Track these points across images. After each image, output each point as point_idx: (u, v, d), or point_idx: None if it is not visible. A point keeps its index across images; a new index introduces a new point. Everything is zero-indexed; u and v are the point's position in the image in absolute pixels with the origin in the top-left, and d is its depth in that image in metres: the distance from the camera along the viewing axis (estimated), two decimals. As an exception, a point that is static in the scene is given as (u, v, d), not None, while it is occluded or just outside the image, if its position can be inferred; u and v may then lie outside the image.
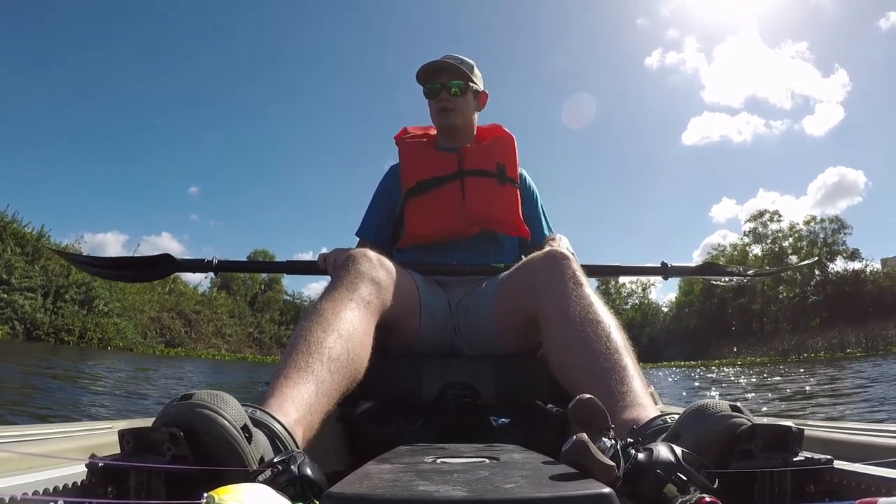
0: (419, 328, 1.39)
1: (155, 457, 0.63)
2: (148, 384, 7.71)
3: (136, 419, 1.03)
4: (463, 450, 0.73)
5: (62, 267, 21.22)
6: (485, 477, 0.54)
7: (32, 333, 19.08)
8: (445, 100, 1.65)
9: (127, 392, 6.03)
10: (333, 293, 1.12)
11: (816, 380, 8.84)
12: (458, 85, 1.65)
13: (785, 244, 39.64)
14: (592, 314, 1.07)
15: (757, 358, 26.48)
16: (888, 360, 14.72)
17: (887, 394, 5.83)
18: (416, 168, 1.66)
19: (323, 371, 0.92)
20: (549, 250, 1.26)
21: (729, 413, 0.69)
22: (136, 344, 24.46)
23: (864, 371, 10.58)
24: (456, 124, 1.68)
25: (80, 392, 5.45)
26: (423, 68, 1.66)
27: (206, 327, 32.78)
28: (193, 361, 20.89)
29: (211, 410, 0.64)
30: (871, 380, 8.26)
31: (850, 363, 15.06)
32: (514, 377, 1.39)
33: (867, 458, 0.72)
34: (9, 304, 18.17)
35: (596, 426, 0.61)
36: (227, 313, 36.03)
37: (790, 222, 40.14)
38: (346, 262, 1.21)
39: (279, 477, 0.61)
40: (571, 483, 0.52)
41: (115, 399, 5.24)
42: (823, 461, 0.69)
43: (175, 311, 30.89)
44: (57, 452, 0.72)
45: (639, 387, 0.91)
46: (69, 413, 3.98)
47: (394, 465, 0.61)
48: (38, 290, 19.86)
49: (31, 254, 20.55)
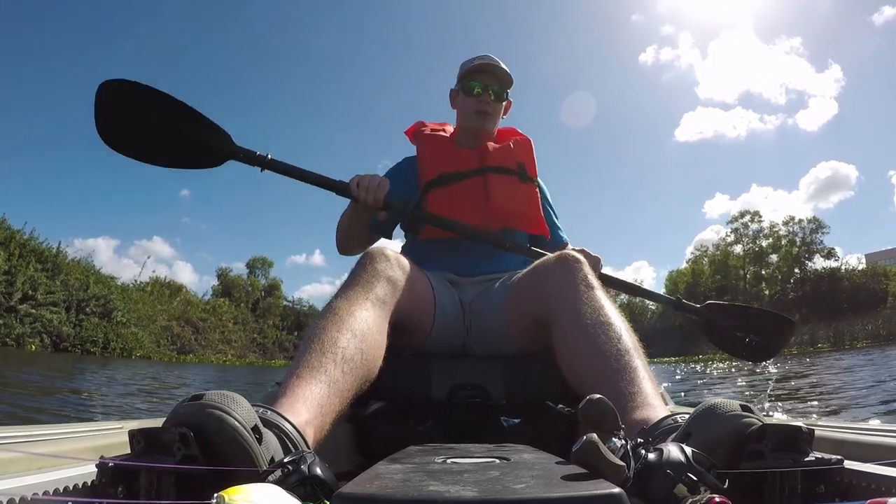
0: (432, 328, 1.38)
1: (165, 457, 0.63)
2: (182, 384, 9.07)
3: (147, 419, 1.03)
4: (473, 450, 0.73)
5: (80, 281, 22.06)
6: (495, 477, 0.54)
7: (60, 346, 19.72)
8: (487, 103, 1.64)
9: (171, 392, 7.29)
10: (349, 291, 1.11)
11: (782, 373, 9.48)
12: (501, 91, 1.65)
13: (764, 244, 41.62)
14: (604, 316, 1.06)
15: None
16: (849, 355, 15.71)
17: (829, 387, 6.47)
18: (437, 161, 1.64)
19: (336, 371, 0.92)
20: (562, 252, 1.25)
21: (739, 413, 0.69)
22: (152, 352, 25.45)
23: (818, 365, 11.56)
24: (489, 129, 1.68)
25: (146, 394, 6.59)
26: (473, 66, 1.65)
27: (213, 334, 34.13)
28: (206, 366, 22.22)
29: (221, 411, 0.64)
30: (828, 371, 9.20)
31: (818, 357, 16.23)
32: (525, 378, 1.39)
33: (878, 459, 0.72)
34: (37, 318, 18.90)
35: (606, 426, 0.61)
36: (232, 320, 37.37)
37: (770, 222, 42.21)
38: (363, 260, 1.21)
39: (289, 477, 0.61)
40: (582, 483, 0.52)
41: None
42: (834, 461, 0.68)
43: (183, 319, 32.12)
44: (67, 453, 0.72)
45: (649, 387, 0.91)
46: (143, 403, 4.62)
47: (404, 466, 0.61)
48: (62, 305, 20.52)
49: (51, 269, 21.25)
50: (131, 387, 7.58)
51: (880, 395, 5.07)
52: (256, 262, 48.02)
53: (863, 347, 22.29)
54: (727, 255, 42.85)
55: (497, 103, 1.66)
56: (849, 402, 4.70)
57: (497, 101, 1.66)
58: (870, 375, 7.50)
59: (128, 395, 6.22)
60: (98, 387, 7.11)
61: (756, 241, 42.08)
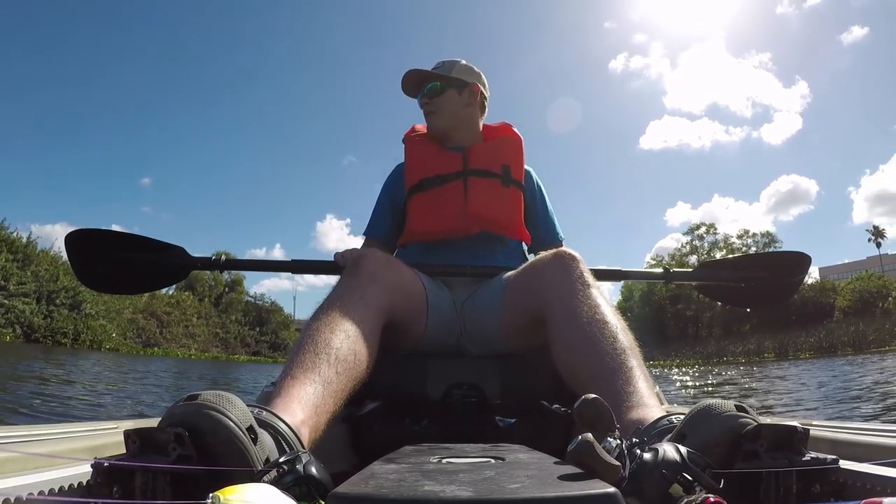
0: (426, 328, 1.38)
1: (160, 457, 0.63)
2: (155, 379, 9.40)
3: (142, 419, 1.03)
4: (468, 450, 0.73)
5: (49, 272, 22.06)
6: (490, 477, 0.54)
7: (31, 336, 19.67)
8: (426, 103, 1.67)
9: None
10: (342, 293, 1.12)
11: (723, 379, 10.50)
12: (433, 87, 1.66)
13: (718, 255, 43.61)
14: (599, 315, 1.06)
15: (686, 360, 27.95)
16: (786, 364, 17.09)
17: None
18: (420, 165, 1.66)
19: (330, 372, 0.92)
20: (557, 251, 1.25)
21: (734, 413, 0.69)
22: (120, 344, 26.10)
23: (755, 372, 12.76)
24: (441, 126, 1.68)
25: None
26: (402, 84, 1.69)
27: (177, 328, 35.10)
28: (173, 360, 22.73)
29: (216, 411, 0.64)
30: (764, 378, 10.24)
31: (761, 367, 17.51)
32: (520, 377, 1.39)
33: (873, 458, 0.72)
34: (9, 309, 18.78)
35: (601, 426, 0.61)
36: (196, 314, 38.19)
37: (724, 234, 44.96)
38: (356, 262, 1.22)
39: (284, 477, 0.61)
40: (577, 483, 0.52)
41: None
42: (829, 461, 0.68)
43: (148, 311, 32.98)
44: (62, 452, 0.72)
45: (644, 387, 0.91)
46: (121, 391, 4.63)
47: (399, 465, 0.61)
48: (32, 295, 20.47)
49: (22, 260, 21.22)
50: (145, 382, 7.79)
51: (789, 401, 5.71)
52: (221, 258, 48.76)
53: (805, 358, 23.70)
54: (682, 264, 44.93)
55: (436, 97, 1.66)
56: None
57: (435, 96, 1.66)
58: (793, 385, 8.36)
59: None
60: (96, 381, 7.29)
61: (711, 252, 44.26)
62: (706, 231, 45.06)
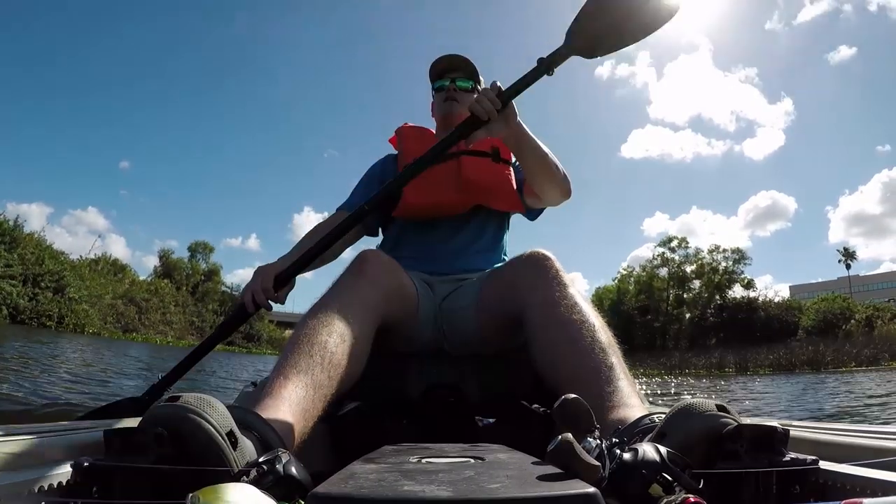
0: (414, 331, 1.39)
1: (140, 457, 0.63)
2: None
3: (123, 419, 1.02)
4: (448, 450, 0.73)
5: (35, 255, 22.34)
6: (470, 477, 0.54)
7: (17, 318, 19.86)
8: (453, 90, 1.69)
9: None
10: (341, 293, 1.12)
11: (680, 389, 10.72)
12: (465, 80, 1.70)
13: (689, 269, 44.72)
14: (577, 314, 1.07)
15: (650, 370, 28.90)
16: (743, 380, 17.13)
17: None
18: (417, 147, 1.66)
19: (322, 375, 0.92)
20: (532, 251, 1.26)
21: (715, 413, 0.69)
22: (102, 329, 26.50)
23: (716, 386, 12.82)
24: (457, 112, 1.70)
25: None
26: (437, 64, 1.71)
27: (155, 315, 35.74)
28: (150, 345, 23.31)
29: (196, 415, 0.64)
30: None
31: (719, 380, 17.62)
32: (499, 377, 1.39)
33: (852, 459, 0.72)
34: None
35: (581, 426, 0.62)
36: (173, 302, 38.98)
37: (696, 248, 45.60)
38: (356, 262, 1.21)
39: (264, 477, 0.61)
40: (556, 483, 0.52)
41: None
42: (809, 462, 0.69)
43: (127, 297, 33.47)
44: (41, 452, 0.71)
45: (625, 386, 0.92)
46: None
47: (379, 465, 0.61)
48: (19, 277, 20.69)
49: (9, 242, 21.36)
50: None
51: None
52: (198, 247, 49.54)
53: (764, 374, 24.04)
54: (653, 276, 45.57)
55: (463, 92, 1.69)
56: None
57: (463, 91, 1.69)
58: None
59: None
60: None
61: (681, 266, 44.94)
62: (678, 244, 45.82)
